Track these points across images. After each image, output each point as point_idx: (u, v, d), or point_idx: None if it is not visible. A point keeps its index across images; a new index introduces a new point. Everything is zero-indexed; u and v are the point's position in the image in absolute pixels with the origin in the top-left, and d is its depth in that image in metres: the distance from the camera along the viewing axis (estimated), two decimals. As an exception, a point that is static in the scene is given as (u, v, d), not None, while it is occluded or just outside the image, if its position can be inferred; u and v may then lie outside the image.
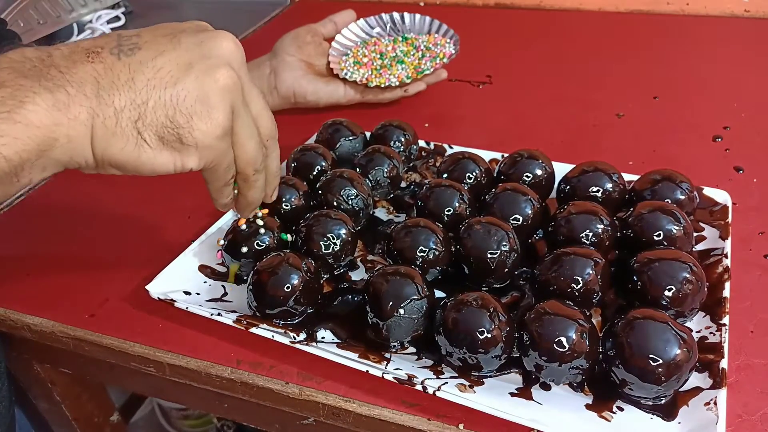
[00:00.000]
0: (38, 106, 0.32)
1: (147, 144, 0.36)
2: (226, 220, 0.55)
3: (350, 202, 0.53)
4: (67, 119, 0.33)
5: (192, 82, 0.36)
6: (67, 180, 0.65)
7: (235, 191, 0.45)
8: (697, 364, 0.38)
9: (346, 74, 0.73)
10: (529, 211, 0.49)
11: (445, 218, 0.50)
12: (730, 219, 0.50)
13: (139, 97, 0.35)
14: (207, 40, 0.38)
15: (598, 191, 0.51)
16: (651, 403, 0.38)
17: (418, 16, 0.79)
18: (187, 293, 0.48)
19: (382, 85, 0.72)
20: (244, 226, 0.49)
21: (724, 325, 0.41)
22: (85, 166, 0.36)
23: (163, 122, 0.35)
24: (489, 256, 0.45)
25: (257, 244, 0.48)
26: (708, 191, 0.53)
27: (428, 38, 0.76)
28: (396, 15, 0.80)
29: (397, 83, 0.72)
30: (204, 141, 0.37)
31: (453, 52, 0.74)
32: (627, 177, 0.54)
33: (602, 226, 0.46)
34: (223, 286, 0.49)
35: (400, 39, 0.78)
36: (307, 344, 0.42)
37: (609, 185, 0.51)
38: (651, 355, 0.36)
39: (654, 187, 0.50)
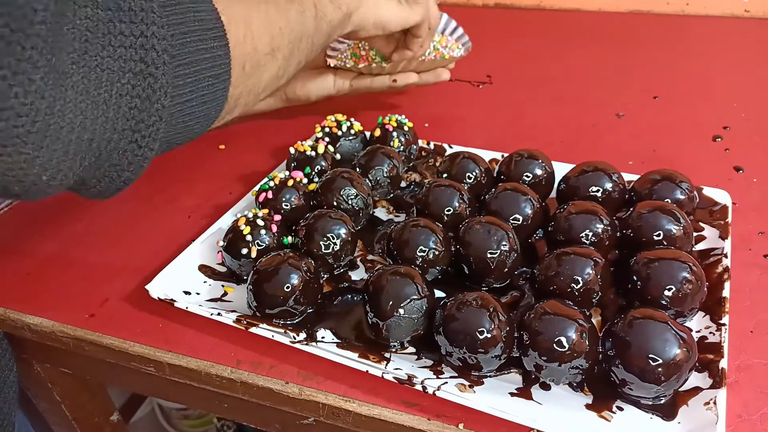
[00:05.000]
0: None
1: (401, 4, 0.61)
2: (226, 220, 0.55)
3: (350, 202, 0.53)
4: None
5: None
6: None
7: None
8: (697, 364, 0.38)
9: (339, 64, 0.71)
10: (529, 211, 0.49)
11: (445, 218, 0.50)
12: (730, 219, 0.50)
13: None
14: None
15: (598, 191, 0.51)
16: (651, 403, 0.38)
17: None
18: (187, 293, 0.48)
19: (366, 71, 0.70)
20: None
21: (724, 325, 0.41)
22: (364, 27, 0.60)
23: None
24: (489, 255, 0.45)
25: (257, 243, 0.48)
26: (708, 191, 0.53)
27: (440, 39, 0.75)
28: None
29: (385, 65, 0.69)
30: (424, 1, 0.63)
31: (459, 56, 0.73)
32: (627, 177, 0.54)
33: (602, 226, 0.46)
34: (222, 285, 0.49)
35: None
36: (307, 344, 0.42)
37: (609, 185, 0.51)
38: (651, 355, 0.36)
39: (654, 187, 0.50)
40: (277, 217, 0.51)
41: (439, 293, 0.46)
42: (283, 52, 0.47)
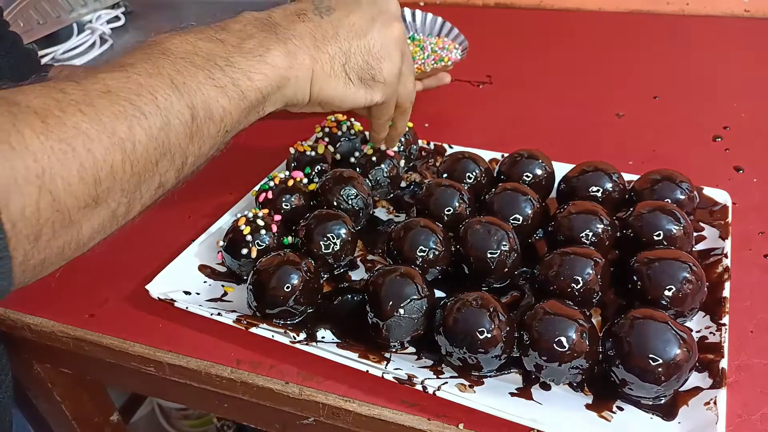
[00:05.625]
0: (279, 52, 0.41)
1: (351, 82, 0.46)
2: (226, 220, 0.55)
3: (350, 202, 0.53)
4: (296, 63, 0.42)
5: (377, 33, 0.46)
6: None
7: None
8: (697, 364, 0.38)
9: None
10: (529, 211, 0.49)
11: (445, 218, 0.50)
12: (730, 219, 0.50)
13: (344, 45, 0.45)
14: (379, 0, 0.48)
15: (598, 191, 0.51)
16: (651, 403, 0.38)
17: (429, 16, 0.77)
18: (187, 293, 0.48)
19: None
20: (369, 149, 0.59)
21: (724, 325, 0.41)
22: (299, 102, 0.45)
23: (361, 65, 0.46)
24: (489, 255, 0.45)
25: (257, 243, 0.48)
26: (708, 191, 0.53)
27: (437, 41, 0.75)
28: (407, 12, 0.78)
29: None
30: (388, 78, 0.47)
31: (458, 58, 0.73)
32: (627, 177, 0.54)
33: (602, 226, 0.46)
34: (222, 285, 0.49)
35: (408, 39, 0.77)
36: (307, 344, 0.42)
37: (609, 185, 0.51)
38: (651, 355, 0.36)
39: (654, 187, 0.50)
40: (277, 217, 0.51)
41: (439, 293, 0.46)
42: (121, 188, 0.34)
